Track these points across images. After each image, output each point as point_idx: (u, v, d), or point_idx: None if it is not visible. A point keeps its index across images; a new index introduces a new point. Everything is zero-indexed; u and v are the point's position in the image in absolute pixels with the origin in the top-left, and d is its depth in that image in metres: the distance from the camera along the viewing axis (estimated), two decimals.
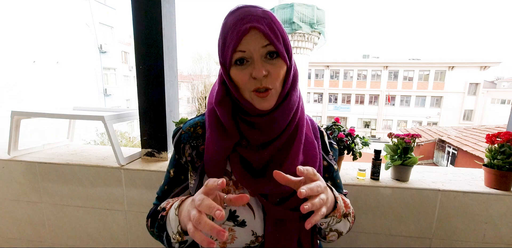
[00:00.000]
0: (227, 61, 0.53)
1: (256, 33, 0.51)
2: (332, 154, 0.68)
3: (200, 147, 0.62)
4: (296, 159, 0.57)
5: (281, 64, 0.53)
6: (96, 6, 10.76)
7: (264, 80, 0.52)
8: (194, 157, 0.62)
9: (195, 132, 0.64)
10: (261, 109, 0.55)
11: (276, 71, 0.53)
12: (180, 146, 0.64)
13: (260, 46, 0.51)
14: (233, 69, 0.54)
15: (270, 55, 0.52)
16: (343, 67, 21.31)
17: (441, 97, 19.87)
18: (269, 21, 0.52)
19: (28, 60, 8.14)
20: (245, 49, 0.51)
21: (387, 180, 1.10)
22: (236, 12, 0.53)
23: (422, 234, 1.08)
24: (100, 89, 11.30)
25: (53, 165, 1.26)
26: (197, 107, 16.74)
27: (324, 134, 0.69)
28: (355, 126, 20.61)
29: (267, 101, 0.54)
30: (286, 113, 0.56)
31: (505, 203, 1.01)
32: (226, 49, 0.53)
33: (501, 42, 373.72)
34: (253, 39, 0.51)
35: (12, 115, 1.27)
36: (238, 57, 0.52)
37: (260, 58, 0.52)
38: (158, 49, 1.22)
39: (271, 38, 0.51)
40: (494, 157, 1.03)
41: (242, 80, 0.53)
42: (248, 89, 0.54)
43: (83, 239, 1.34)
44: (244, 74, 0.53)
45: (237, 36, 0.50)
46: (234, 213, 0.57)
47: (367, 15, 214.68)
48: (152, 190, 1.20)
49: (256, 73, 0.51)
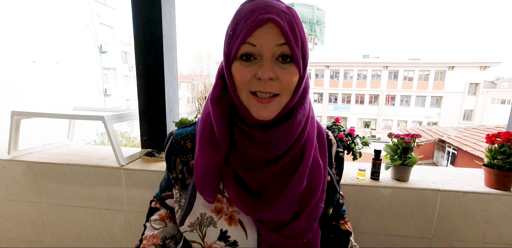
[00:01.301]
0: (232, 52, 0.45)
1: (273, 28, 0.43)
2: (335, 165, 0.61)
3: (190, 162, 0.57)
4: (299, 186, 0.50)
5: (294, 70, 0.45)
6: (96, 6, 10.76)
7: (269, 84, 0.44)
8: (185, 173, 0.57)
9: (184, 146, 0.58)
10: (258, 118, 0.46)
11: (286, 77, 0.44)
12: (171, 158, 0.59)
13: (275, 43, 0.43)
14: (237, 63, 0.45)
15: (283, 58, 0.44)
16: (343, 67, 21.30)
17: (441, 97, 19.87)
18: (291, 18, 0.44)
19: (28, 60, 8.15)
20: (256, 43, 0.43)
21: (387, 180, 1.10)
22: (255, 0, 0.45)
23: (422, 234, 1.08)
24: (100, 89, 11.31)
25: (53, 165, 1.26)
26: (197, 107, 16.75)
27: (332, 143, 0.61)
28: (355, 126, 20.60)
29: (268, 109, 0.45)
30: (289, 133, 0.48)
31: (505, 203, 1.01)
32: (234, 39, 0.45)
33: (501, 42, 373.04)
34: (268, 33, 0.43)
35: (12, 115, 1.27)
36: (246, 51, 0.44)
37: (270, 58, 0.44)
38: (158, 49, 1.22)
39: (288, 37, 0.43)
40: (494, 157, 1.02)
41: (243, 78, 0.45)
42: (246, 90, 0.46)
43: (83, 239, 1.34)
44: (248, 71, 0.44)
45: (250, 25, 0.42)
46: (225, 233, 0.52)
47: (367, 15, 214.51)
48: (152, 190, 1.20)
49: (262, 73, 0.43)
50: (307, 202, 0.51)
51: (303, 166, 0.50)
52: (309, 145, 0.52)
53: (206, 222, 0.53)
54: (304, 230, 0.52)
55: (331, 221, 0.66)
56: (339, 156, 0.63)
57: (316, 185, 0.52)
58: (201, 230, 0.53)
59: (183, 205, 0.56)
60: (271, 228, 0.51)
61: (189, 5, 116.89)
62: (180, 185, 0.58)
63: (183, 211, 0.55)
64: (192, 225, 0.54)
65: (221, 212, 0.53)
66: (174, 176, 0.59)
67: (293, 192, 0.49)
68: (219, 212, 0.53)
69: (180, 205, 0.57)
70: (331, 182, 0.59)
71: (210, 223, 0.53)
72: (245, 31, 0.43)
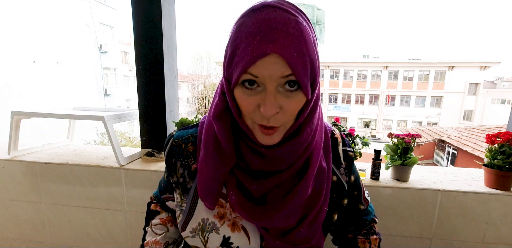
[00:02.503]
0: (232, 79, 0.42)
1: (278, 59, 0.38)
2: (345, 165, 0.58)
3: (191, 166, 0.55)
4: (304, 194, 0.49)
5: (300, 98, 0.42)
6: (96, 6, 10.76)
7: (273, 118, 0.41)
8: (186, 177, 0.55)
9: (186, 150, 0.56)
10: (263, 144, 0.45)
11: (290, 107, 0.41)
12: (171, 161, 0.57)
13: (279, 75, 0.39)
14: (239, 89, 0.42)
15: (289, 84, 0.40)
16: (343, 67, 21.31)
17: (441, 97, 19.87)
18: (299, 41, 0.38)
19: (28, 60, 8.15)
20: (259, 75, 0.39)
21: (387, 180, 1.10)
22: (258, 13, 0.39)
23: (422, 234, 1.08)
24: (100, 89, 11.31)
25: (53, 165, 1.26)
26: (197, 107, 16.75)
27: (338, 141, 0.58)
28: (355, 126, 20.61)
29: (272, 138, 0.44)
30: (296, 149, 0.47)
31: (505, 203, 1.01)
32: (234, 65, 0.41)
33: (501, 42, 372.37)
34: (272, 65, 0.38)
35: (12, 115, 1.27)
36: (247, 78, 0.40)
37: (274, 89, 0.40)
38: (158, 49, 1.22)
39: (295, 68, 0.38)
40: (494, 157, 1.02)
41: (247, 108, 0.42)
42: (251, 119, 0.44)
43: (83, 239, 1.34)
44: (251, 101, 0.41)
45: (251, 55, 0.38)
46: (228, 239, 0.51)
47: (367, 15, 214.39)
48: (152, 190, 1.20)
49: (265, 111, 0.40)
50: (311, 207, 0.51)
51: (308, 175, 0.49)
52: (315, 153, 0.50)
53: (208, 228, 0.52)
54: (309, 235, 0.51)
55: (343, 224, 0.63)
56: (348, 156, 0.59)
57: (320, 189, 0.52)
58: (203, 235, 0.52)
59: (184, 210, 0.55)
60: (276, 234, 0.50)
61: (189, 5, 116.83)
62: (181, 190, 0.56)
63: (185, 216, 0.54)
64: (194, 231, 0.53)
65: (224, 218, 0.52)
66: (175, 180, 0.57)
67: (298, 200, 0.48)
68: (222, 218, 0.52)
69: (181, 210, 0.55)
70: (338, 182, 0.56)
71: (212, 229, 0.52)
72: (245, 60, 0.38)
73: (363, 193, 0.63)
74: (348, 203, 0.61)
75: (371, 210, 0.66)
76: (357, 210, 0.63)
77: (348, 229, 0.64)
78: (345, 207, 0.60)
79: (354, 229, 0.64)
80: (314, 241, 0.52)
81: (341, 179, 0.57)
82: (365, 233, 0.64)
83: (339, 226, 0.64)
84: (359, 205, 0.63)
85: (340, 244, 0.66)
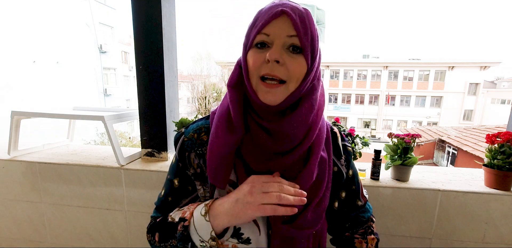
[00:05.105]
0: (249, 41, 0.50)
1: (286, 20, 0.47)
2: (344, 158, 0.62)
3: (206, 154, 0.56)
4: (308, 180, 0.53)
5: (302, 61, 0.48)
6: (96, 6, 10.76)
7: (277, 68, 0.47)
8: (202, 166, 0.57)
9: (199, 139, 0.58)
10: (264, 102, 0.49)
11: (293, 65, 0.48)
12: (185, 155, 0.58)
13: (286, 34, 0.47)
14: (251, 51, 0.50)
15: (293, 48, 0.48)
16: (343, 67, 21.31)
17: (441, 97, 19.87)
18: (304, 15, 0.48)
19: (28, 60, 8.15)
20: (270, 33, 0.48)
21: (387, 180, 1.10)
22: (276, 1, 0.51)
23: (422, 234, 1.08)
24: (100, 89, 11.31)
25: (53, 165, 1.26)
26: (197, 107, 16.73)
27: (337, 135, 0.63)
28: (355, 126, 20.62)
29: (273, 94, 0.48)
30: (295, 124, 0.50)
31: (505, 203, 1.01)
32: (252, 30, 0.50)
33: (501, 42, 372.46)
34: (281, 24, 0.47)
35: (12, 115, 1.27)
36: (260, 39, 0.49)
37: (281, 45, 0.48)
38: (158, 49, 1.22)
39: (298, 30, 0.47)
40: (494, 157, 1.03)
41: (255, 63, 0.49)
42: (257, 75, 0.49)
43: (83, 239, 1.34)
44: (259, 56, 0.49)
45: (267, 17, 0.48)
46: (238, 230, 0.53)
47: (367, 15, 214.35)
48: (152, 190, 1.21)
49: (270, 55, 0.46)
50: (315, 193, 0.54)
51: (312, 161, 0.53)
52: (317, 142, 0.54)
53: None
54: (314, 220, 0.54)
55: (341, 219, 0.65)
56: (347, 150, 0.63)
57: (322, 176, 0.55)
58: None
59: (207, 199, 0.56)
60: (285, 219, 0.53)
61: (189, 5, 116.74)
62: (201, 180, 0.57)
63: None
64: None
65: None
66: (192, 172, 0.58)
67: (304, 185, 0.52)
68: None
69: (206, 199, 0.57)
70: (338, 172, 0.61)
71: None
72: (262, 22, 0.48)
73: (361, 189, 0.67)
74: (346, 197, 0.64)
75: (369, 208, 0.68)
76: (355, 206, 0.65)
77: (345, 226, 0.65)
78: (343, 200, 0.64)
79: (351, 226, 0.65)
80: (318, 226, 0.55)
81: (341, 169, 0.61)
82: (362, 233, 0.64)
83: (337, 222, 0.66)
84: (357, 201, 0.65)
85: (338, 244, 0.67)
